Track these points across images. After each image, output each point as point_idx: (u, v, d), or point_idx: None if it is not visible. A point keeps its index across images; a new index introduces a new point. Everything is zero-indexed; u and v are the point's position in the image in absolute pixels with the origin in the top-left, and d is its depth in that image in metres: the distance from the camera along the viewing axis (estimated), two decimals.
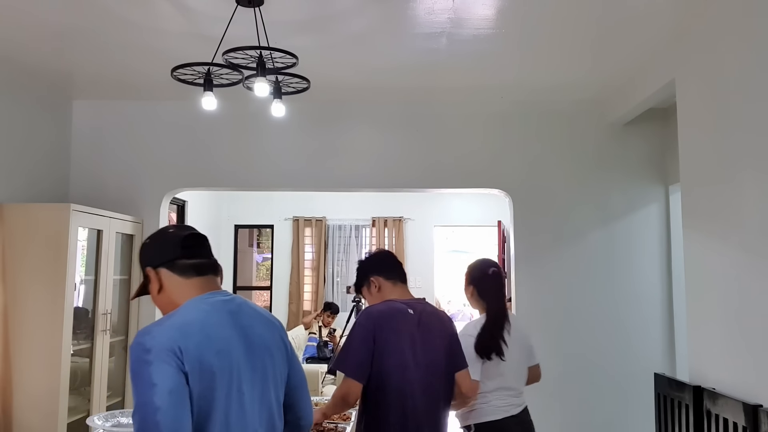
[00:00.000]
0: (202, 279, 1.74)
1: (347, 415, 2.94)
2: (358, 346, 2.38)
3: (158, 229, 1.87)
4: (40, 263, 3.77)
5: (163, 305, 1.74)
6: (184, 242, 1.75)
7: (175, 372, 1.51)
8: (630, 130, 4.59)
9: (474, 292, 2.95)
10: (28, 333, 3.72)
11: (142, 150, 4.68)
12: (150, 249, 1.79)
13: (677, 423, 3.20)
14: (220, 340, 1.61)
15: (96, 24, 3.30)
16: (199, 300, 1.69)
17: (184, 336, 1.56)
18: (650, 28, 3.35)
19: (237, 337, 1.65)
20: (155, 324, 1.62)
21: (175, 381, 1.50)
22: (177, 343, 1.54)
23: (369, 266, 2.66)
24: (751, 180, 2.75)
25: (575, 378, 4.45)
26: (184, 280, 1.72)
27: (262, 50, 2.79)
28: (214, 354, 1.58)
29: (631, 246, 4.55)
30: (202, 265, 1.76)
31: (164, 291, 1.74)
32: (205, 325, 1.61)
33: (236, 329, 1.67)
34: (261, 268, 10.94)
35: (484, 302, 2.92)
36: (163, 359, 1.51)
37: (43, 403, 3.66)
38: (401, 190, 5.56)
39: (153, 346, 1.53)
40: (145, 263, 1.77)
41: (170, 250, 1.74)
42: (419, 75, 4.08)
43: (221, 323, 1.65)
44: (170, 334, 1.56)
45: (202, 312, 1.64)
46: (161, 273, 1.74)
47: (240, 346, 1.65)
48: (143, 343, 1.54)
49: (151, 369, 1.51)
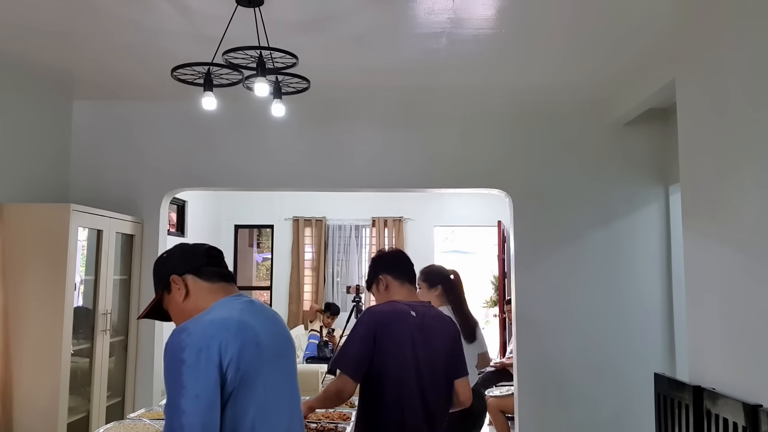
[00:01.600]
0: (227, 285, 1.83)
1: (347, 415, 2.94)
2: (358, 345, 2.38)
3: (176, 245, 1.93)
4: (40, 263, 3.77)
5: (188, 311, 1.77)
6: (209, 252, 1.85)
7: (205, 374, 1.54)
8: (630, 129, 4.59)
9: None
10: (28, 333, 3.73)
11: (142, 150, 4.68)
12: (172, 259, 1.85)
13: (677, 423, 3.20)
14: (258, 334, 1.68)
15: (96, 24, 3.30)
16: (230, 300, 1.76)
17: (222, 329, 1.61)
18: (650, 28, 3.35)
19: (268, 333, 1.74)
20: (192, 321, 1.66)
21: (203, 385, 1.54)
22: (214, 337, 1.58)
23: (380, 264, 2.66)
24: (751, 180, 2.75)
25: (575, 378, 4.44)
26: (210, 285, 1.79)
27: (262, 50, 2.79)
28: (253, 346, 1.64)
29: (631, 246, 4.55)
30: (223, 272, 1.84)
31: (190, 297, 1.79)
32: (241, 320, 1.67)
33: (267, 328, 1.75)
34: (261, 268, 10.94)
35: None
36: (196, 359, 1.55)
37: (43, 403, 3.66)
38: (401, 190, 5.56)
39: (188, 345, 1.57)
40: (169, 272, 1.81)
41: (196, 258, 1.83)
42: (419, 75, 4.08)
43: (255, 319, 1.72)
44: (207, 330, 1.60)
45: (236, 309, 1.71)
46: (187, 279, 1.79)
47: (271, 340, 1.73)
48: (179, 342, 1.58)
49: (183, 369, 1.54)
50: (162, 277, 1.83)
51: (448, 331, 2.58)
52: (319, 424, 2.81)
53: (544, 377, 4.48)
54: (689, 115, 3.37)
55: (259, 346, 1.66)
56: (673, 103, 3.62)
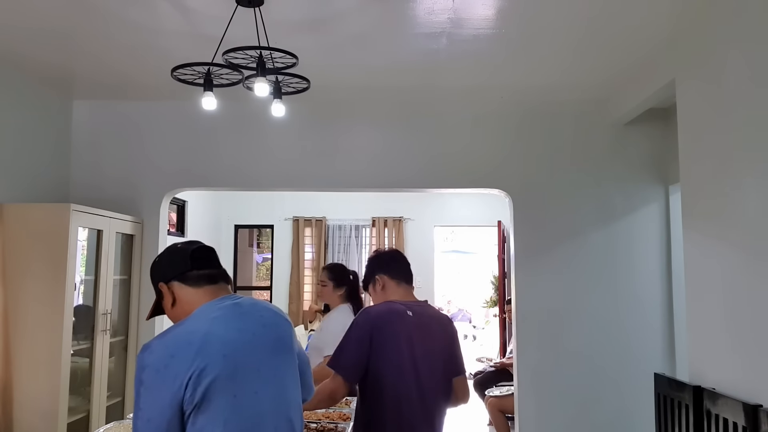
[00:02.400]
0: (213, 287, 1.79)
1: (347, 415, 2.94)
2: (353, 347, 2.37)
3: (167, 247, 1.91)
4: (40, 263, 3.77)
5: (177, 317, 1.78)
6: (193, 254, 1.80)
7: (160, 396, 1.55)
8: (630, 130, 4.59)
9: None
10: (28, 333, 3.73)
11: (142, 150, 4.68)
12: (161, 265, 1.84)
13: (677, 423, 3.20)
14: (226, 345, 1.63)
15: (96, 24, 3.30)
16: (209, 306, 1.72)
17: (184, 345, 1.59)
18: (650, 28, 3.35)
19: (247, 341, 1.68)
20: (159, 336, 1.66)
21: (157, 408, 1.54)
22: (174, 356, 1.57)
23: (377, 264, 2.66)
24: (750, 180, 2.75)
25: (575, 378, 4.44)
26: (196, 290, 1.77)
27: (262, 50, 2.79)
28: (219, 359, 1.60)
29: (631, 246, 4.55)
30: (212, 274, 1.81)
31: (178, 303, 1.78)
32: (208, 333, 1.63)
33: (247, 333, 1.70)
34: (261, 268, 10.95)
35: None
36: (153, 380, 1.56)
37: (43, 403, 3.66)
38: (401, 190, 5.56)
39: (148, 365, 1.58)
40: (158, 279, 1.82)
41: (180, 263, 1.79)
42: (419, 75, 4.08)
43: (228, 328, 1.67)
44: (168, 348, 1.59)
45: (209, 319, 1.67)
46: (173, 286, 1.78)
47: (251, 348, 1.68)
48: (141, 360, 1.59)
49: (141, 390, 1.56)
50: (154, 283, 1.84)
51: (446, 329, 2.58)
52: (319, 424, 2.81)
53: (544, 377, 4.48)
54: (689, 115, 3.37)
55: (227, 358, 1.61)
56: (673, 103, 3.62)
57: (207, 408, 1.56)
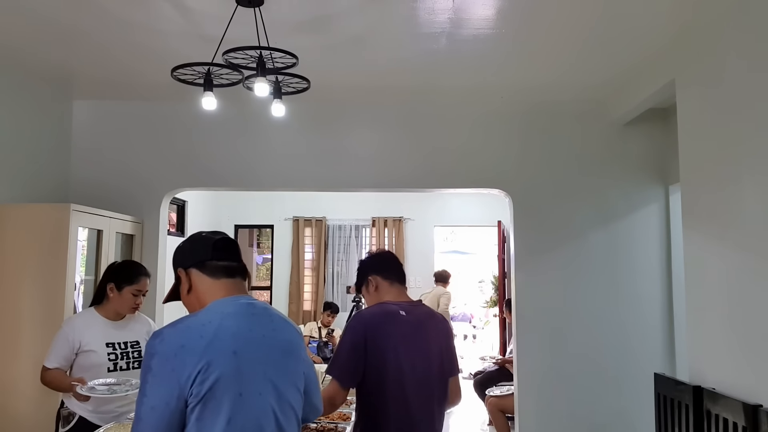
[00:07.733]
0: (230, 281, 1.79)
1: (347, 415, 2.94)
2: (348, 351, 2.37)
3: (192, 234, 1.91)
4: (40, 263, 3.77)
5: (192, 305, 1.79)
6: (216, 245, 1.81)
7: (167, 386, 1.54)
8: (630, 130, 4.60)
9: None
10: (28, 333, 3.72)
11: (142, 150, 4.68)
12: (183, 251, 1.84)
13: (677, 423, 3.20)
14: (236, 342, 1.63)
15: (96, 24, 3.30)
16: (224, 302, 1.72)
17: (196, 338, 1.59)
18: (650, 28, 3.35)
19: (256, 341, 1.68)
20: (171, 325, 1.65)
21: (162, 397, 1.54)
22: (184, 347, 1.57)
23: (368, 266, 2.66)
24: (750, 180, 2.75)
25: (575, 378, 4.45)
26: (213, 281, 1.77)
27: (262, 50, 2.79)
28: (228, 354, 1.60)
29: (631, 246, 4.55)
30: (231, 267, 1.80)
31: (193, 291, 1.78)
32: (221, 328, 1.63)
33: (257, 333, 1.70)
34: (261, 269, 10.95)
35: None
36: (161, 368, 1.55)
37: (43, 403, 3.66)
38: (401, 190, 5.56)
39: (158, 352, 1.57)
40: (177, 264, 1.83)
41: (202, 251, 1.80)
42: (419, 75, 4.08)
43: (240, 326, 1.67)
44: (179, 339, 1.59)
45: (222, 315, 1.67)
46: (192, 273, 1.79)
47: (259, 349, 1.68)
48: (151, 347, 1.59)
49: (148, 377, 1.56)
50: (174, 268, 1.84)
51: (440, 328, 2.57)
52: (319, 424, 2.81)
53: (544, 377, 4.48)
54: (689, 115, 3.37)
55: (236, 356, 1.61)
56: (673, 103, 3.62)
57: (211, 403, 1.56)
